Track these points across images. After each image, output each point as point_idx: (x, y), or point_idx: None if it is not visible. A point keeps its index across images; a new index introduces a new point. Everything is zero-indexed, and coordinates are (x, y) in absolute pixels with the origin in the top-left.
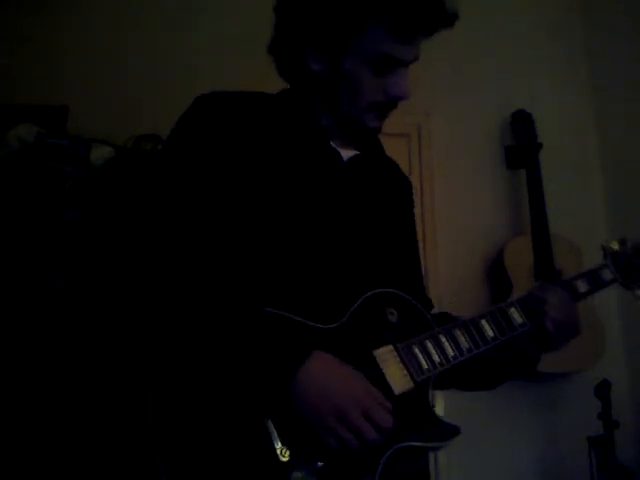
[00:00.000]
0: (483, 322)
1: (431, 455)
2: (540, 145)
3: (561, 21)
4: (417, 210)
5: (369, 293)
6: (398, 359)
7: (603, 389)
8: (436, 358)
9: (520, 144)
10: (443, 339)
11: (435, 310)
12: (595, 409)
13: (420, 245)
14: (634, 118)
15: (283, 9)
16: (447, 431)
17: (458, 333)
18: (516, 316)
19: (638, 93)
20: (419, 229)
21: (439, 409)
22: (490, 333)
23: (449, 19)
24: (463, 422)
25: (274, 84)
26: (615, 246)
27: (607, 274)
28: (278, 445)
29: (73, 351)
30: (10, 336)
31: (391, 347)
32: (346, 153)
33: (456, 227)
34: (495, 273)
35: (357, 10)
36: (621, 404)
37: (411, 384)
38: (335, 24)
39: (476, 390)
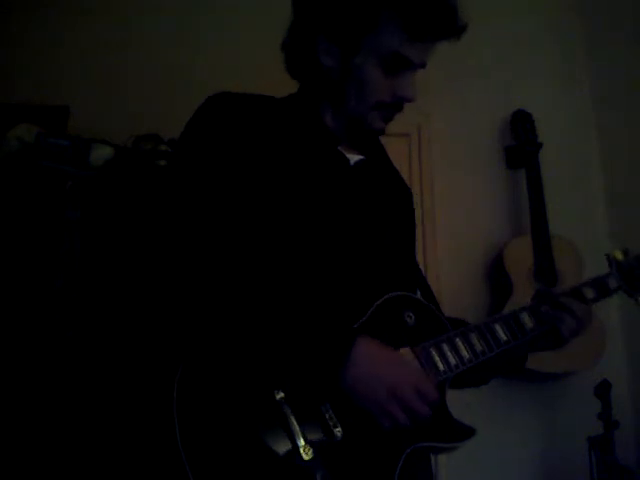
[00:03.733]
0: (496, 326)
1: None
2: (540, 145)
3: (561, 21)
4: (417, 210)
5: (389, 295)
6: (416, 361)
7: (603, 389)
8: (452, 360)
9: (520, 144)
10: (459, 342)
11: (451, 315)
12: (595, 409)
13: (420, 245)
14: (634, 118)
15: (300, 3)
16: (463, 431)
17: (473, 336)
18: (527, 320)
19: (638, 93)
20: (419, 229)
21: None
22: (503, 337)
23: (458, 28)
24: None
25: (274, 83)
26: (619, 256)
27: (613, 282)
28: (301, 443)
29: (73, 351)
30: (11, 336)
31: (409, 349)
32: (352, 157)
33: (456, 227)
34: (495, 273)
35: (372, 5)
36: (621, 404)
37: None
38: (350, 18)
39: (467, 388)
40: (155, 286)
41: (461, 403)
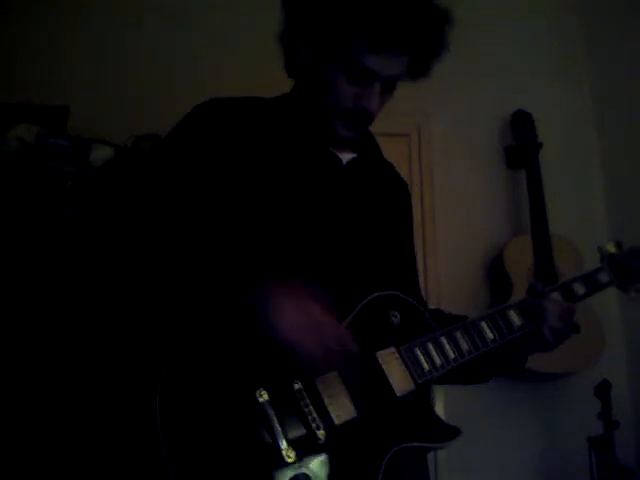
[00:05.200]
0: (483, 324)
1: (431, 455)
2: (540, 145)
3: (561, 21)
4: (417, 210)
5: (373, 295)
6: (400, 361)
7: (603, 389)
8: (437, 360)
9: (520, 144)
10: (444, 341)
11: (430, 306)
12: (595, 409)
13: (420, 245)
14: (634, 118)
15: (286, 5)
16: (448, 432)
17: (459, 335)
18: (515, 318)
19: (638, 93)
20: (419, 229)
21: (438, 410)
22: (490, 335)
23: (427, 41)
24: (463, 422)
25: (275, 83)
26: (612, 249)
27: (604, 277)
28: (284, 445)
29: (73, 351)
30: (10, 336)
31: (393, 349)
32: (344, 156)
33: (456, 227)
34: (495, 273)
35: (339, 14)
36: (621, 404)
37: (412, 386)
38: (321, 25)
39: (468, 384)
40: (145, 284)
41: (460, 403)
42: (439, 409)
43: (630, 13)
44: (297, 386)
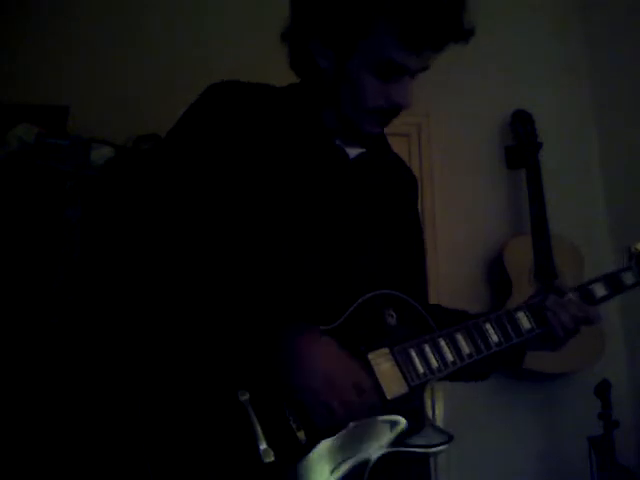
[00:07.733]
0: (487, 326)
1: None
2: (540, 145)
3: (561, 21)
4: (420, 204)
5: (368, 294)
6: (393, 362)
7: (603, 389)
8: (434, 363)
9: (520, 144)
10: (443, 343)
11: (450, 305)
12: (595, 409)
13: None
14: (634, 118)
15: (296, 3)
16: (439, 437)
17: (460, 337)
18: (524, 321)
19: (638, 93)
20: None
21: (438, 409)
22: (495, 339)
23: (463, 35)
24: (463, 422)
25: (274, 83)
26: None
27: (629, 278)
28: (263, 446)
29: (72, 351)
30: (9, 337)
31: (387, 350)
32: (352, 151)
33: (456, 227)
34: (495, 273)
35: (367, 11)
36: (621, 404)
37: (405, 388)
38: (344, 22)
39: (467, 382)
40: (133, 286)
41: (460, 404)
42: (439, 409)
43: (630, 13)
44: None
